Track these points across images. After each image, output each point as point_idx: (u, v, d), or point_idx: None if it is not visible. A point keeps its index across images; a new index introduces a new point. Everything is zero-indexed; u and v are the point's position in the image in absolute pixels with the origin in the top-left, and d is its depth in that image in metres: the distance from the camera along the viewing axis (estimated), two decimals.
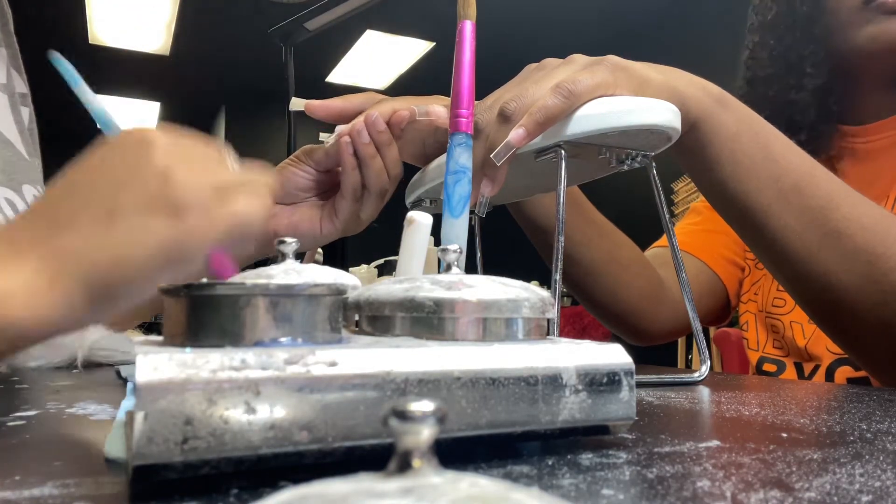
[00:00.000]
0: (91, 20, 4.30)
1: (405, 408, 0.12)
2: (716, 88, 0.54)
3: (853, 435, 0.30)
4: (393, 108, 0.59)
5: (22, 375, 0.51)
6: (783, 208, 0.53)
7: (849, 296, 0.53)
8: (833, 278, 0.53)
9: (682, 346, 3.08)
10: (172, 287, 0.23)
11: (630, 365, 0.27)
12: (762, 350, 0.84)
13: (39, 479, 0.21)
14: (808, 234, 0.53)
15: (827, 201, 0.53)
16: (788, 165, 0.54)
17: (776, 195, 0.53)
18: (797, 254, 0.54)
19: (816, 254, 0.53)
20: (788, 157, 0.54)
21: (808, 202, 0.53)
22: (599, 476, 0.22)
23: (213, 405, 0.20)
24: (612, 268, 0.77)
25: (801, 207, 0.53)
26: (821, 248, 0.53)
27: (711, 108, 0.53)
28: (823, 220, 0.53)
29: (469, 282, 0.27)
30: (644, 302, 0.80)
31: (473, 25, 0.45)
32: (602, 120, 0.47)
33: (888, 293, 0.52)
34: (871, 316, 0.53)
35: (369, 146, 0.59)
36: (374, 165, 0.60)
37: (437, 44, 4.64)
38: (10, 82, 0.68)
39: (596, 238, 0.76)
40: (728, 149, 0.53)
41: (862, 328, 0.55)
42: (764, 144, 0.54)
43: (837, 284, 0.53)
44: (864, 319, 0.54)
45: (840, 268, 0.53)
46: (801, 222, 0.53)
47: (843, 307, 0.54)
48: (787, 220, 0.53)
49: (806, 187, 0.53)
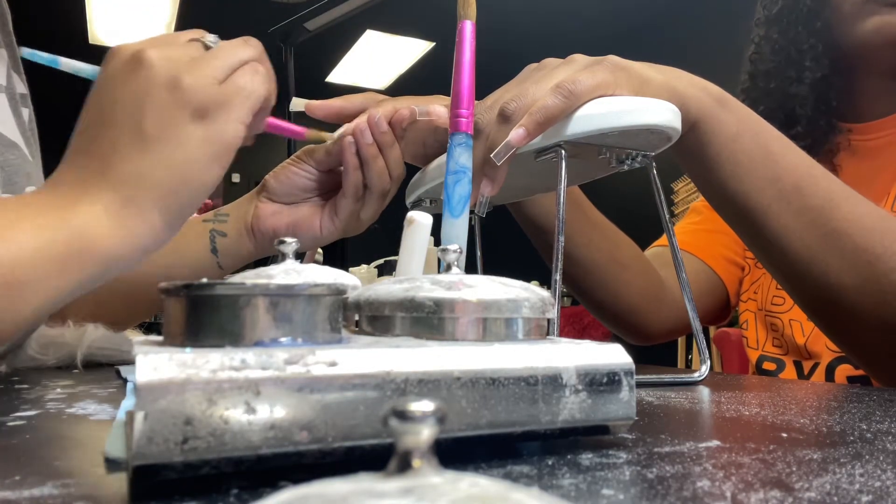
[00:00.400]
0: (91, 20, 4.30)
1: (405, 408, 0.12)
2: (716, 89, 0.54)
3: (853, 435, 0.30)
4: (394, 108, 0.59)
5: (22, 375, 0.51)
6: (783, 208, 0.53)
7: (849, 296, 0.53)
8: (833, 278, 0.53)
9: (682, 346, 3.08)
10: (172, 287, 0.23)
11: (630, 365, 0.27)
12: (762, 349, 0.84)
13: (39, 479, 0.21)
14: (808, 234, 0.53)
15: (827, 201, 0.53)
16: (788, 166, 0.54)
17: (776, 195, 0.53)
18: (797, 254, 0.54)
19: (816, 254, 0.53)
20: (788, 157, 0.54)
21: (807, 202, 0.53)
22: (599, 476, 0.22)
23: (213, 405, 0.20)
24: (613, 268, 0.77)
25: (800, 208, 0.53)
26: (820, 248, 0.53)
27: (712, 108, 0.53)
28: (823, 220, 0.53)
29: (469, 282, 0.27)
30: (644, 302, 0.80)
31: (473, 25, 0.45)
32: (602, 120, 0.47)
33: (888, 293, 0.52)
34: (871, 316, 0.53)
35: (372, 146, 0.59)
36: (377, 166, 0.60)
37: (437, 44, 4.64)
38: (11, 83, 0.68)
39: (596, 238, 0.76)
40: (728, 149, 0.53)
41: (862, 328, 0.55)
42: (764, 145, 0.54)
43: (837, 284, 0.53)
44: (864, 320, 0.54)
45: (840, 268, 0.53)
46: (801, 222, 0.53)
47: (842, 307, 0.54)
48: (787, 221, 0.53)
49: (806, 187, 0.53)
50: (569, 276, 0.76)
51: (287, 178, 0.64)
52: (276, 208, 0.64)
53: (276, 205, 0.64)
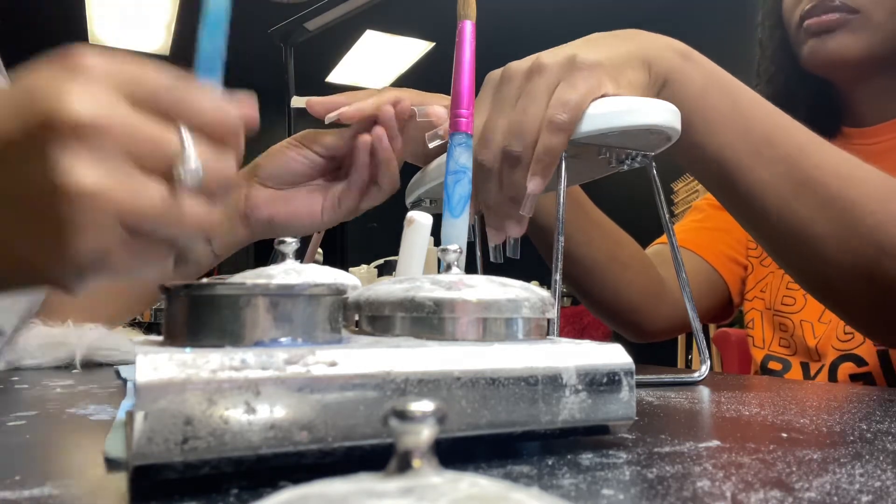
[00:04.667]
0: (91, 20, 4.30)
1: (405, 408, 0.12)
2: (680, 44, 0.54)
3: (853, 435, 0.30)
4: (398, 97, 0.59)
5: (22, 375, 0.51)
6: (755, 161, 0.53)
7: (827, 247, 0.53)
8: (809, 229, 0.53)
9: (682, 346, 3.08)
10: (172, 287, 0.23)
11: (630, 365, 0.27)
12: (768, 348, 0.84)
13: (39, 479, 0.21)
14: (781, 185, 0.53)
15: (798, 151, 0.53)
16: (757, 116, 0.54)
17: (748, 149, 0.53)
18: (772, 206, 0.53)
19: (791, 204, 0.53)
20: (757, 108, 0.54)
21: (779, 152, 0.53)
22: (599, 476, 0.22)
23: (213, 405, 0.20)
24: (613, 266, 0.77)
25: (772, 158, 0.53)
26: (795, 198, 0.53)
27: (678, 63, 0.53)
28: (796, 170, 0.52)
29: (469, 282, 0.27)
30: (645, 300, 0.80)
31: (473, 25, 0.45)
32: (602, 120, 0.47)
33: (865, 239, 0.51)
34: (851, 266, 0.52)
35: (389, 150, 0.60)
36: (390, 168, 0.60)
37: (437, 44, 4.64)
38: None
39: (597, 237, 0.76)
40: (697, 105, 0.53)
41: (843, 280, 0.54)
42: (732, 98, 0.54)
43: (814, 235, 0.53)
44: (844, 270, 0.53)
45: (816, 217, 0.52)
46: (774, 173, 0.53)
47: (822, 260, 0.53)
48: (760, 174, 0.53)
49: (776, 138, 0.53)
50: (569, 275, 0.76)
51: (285, 164, 0.63)
52: (270, 194, 0.63)
53: (270, 190, 0.64)
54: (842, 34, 0.74)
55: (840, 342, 0.75)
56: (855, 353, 0.73)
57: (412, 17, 4.21)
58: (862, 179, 0.52)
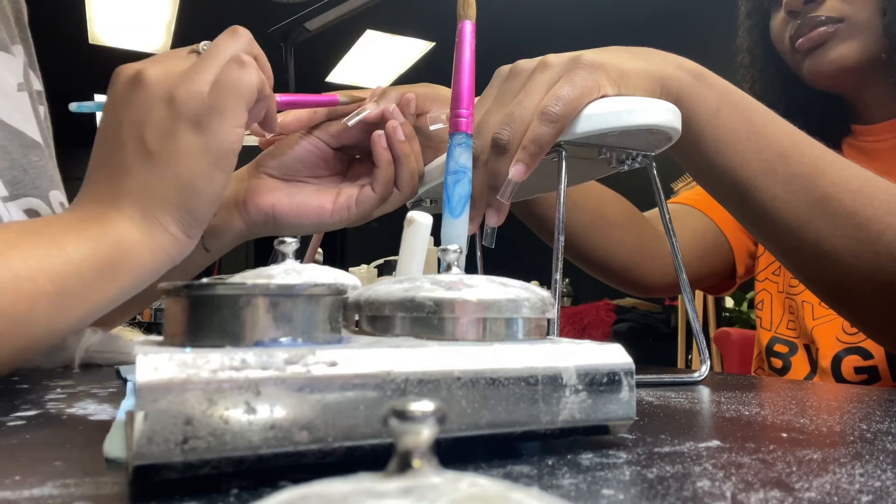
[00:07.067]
0: (91, 20, 4.30)
1: (405, 408, 0.12)
2: (693, 65, 0.54)
3: (853, 435, 0.30)
4: (401, 93, 0.58)
5: (22, 375, 0.51)
6: (770, 179, 0.53)
7: (843, 261, 0.53)
8: (826, 245, 0.53)
9: (682, 346, 3.09)
10: (172, 287, 0.23)
11: (630, 365, 0.27)
12: (775, 330, 0.84)
13: (39, 479, 0.21)
14: (797, 202, 0.53)
15: (813, 168, 0.53)
16: (771, 136, 0.54)
17: (762, 167, 0.53)
18: (788, 224, 0.54)
19: (807, 222, 0.53)
20: (771, 127, 0.54)
21: (793, 170, 0.53)
22: (599, 476, 0.22)
23: (213, 405, 0.20)
24: (602, 225, 0.77)
25: (787, 176, 0.53)
26: (811, 215, 0.53)
27: (690, 84, 0.53)
28: (811, 186, 0.53)
29: (469, 282, 0.27)
30: (638, 257, 0.81)
31: (473, 25, 0.45)
32: (602, 120, 0.47)
33: (882, 254, 0.52)
34: (867, 279, 0.53)
35: (404, 144, 0.56)
36: (409, 164, 0.56)
37: (437, 44, 4.64)
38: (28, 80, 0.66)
39: (581, 199, 0.76)
40: (710, 125, 0.53)
41: (860, 293, 0.54)
42: (746, 117, 0.54)
43: (831, 250, 0.53)
44: (861, 284, 0.53)
45: (832, 233, 0.52)
46: (789, 191, 0.53)
47: (839, 273, 0.54)
48: (775, 191, 0.53)
49: (791, 156, 0.53)
50: None
51: (290, 150, 0.58)
52: (274, 184, 0.58)
53: (274, 180, 0.59)
54: (834, 44, 0.75)
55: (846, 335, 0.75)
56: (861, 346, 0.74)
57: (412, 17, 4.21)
58: (876, 192, 0.52)
